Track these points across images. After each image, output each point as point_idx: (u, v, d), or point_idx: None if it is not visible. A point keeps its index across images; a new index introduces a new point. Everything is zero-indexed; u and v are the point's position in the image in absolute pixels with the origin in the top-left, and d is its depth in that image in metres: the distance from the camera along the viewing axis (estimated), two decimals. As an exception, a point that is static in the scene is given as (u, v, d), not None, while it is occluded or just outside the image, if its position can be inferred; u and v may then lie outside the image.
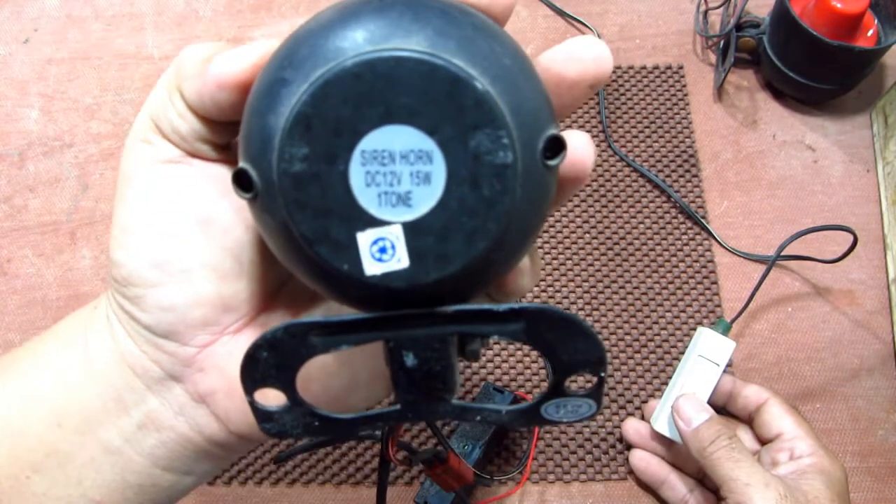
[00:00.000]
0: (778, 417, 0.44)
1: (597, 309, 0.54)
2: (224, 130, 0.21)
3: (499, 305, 0.18)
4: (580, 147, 0.19)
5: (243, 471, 0.48)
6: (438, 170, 0.16)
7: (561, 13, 0.66)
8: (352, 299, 0.19)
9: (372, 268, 0.17)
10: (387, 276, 0.17)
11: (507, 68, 0.17)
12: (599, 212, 0.57)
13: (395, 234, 0.17)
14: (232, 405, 0.22)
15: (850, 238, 0.50)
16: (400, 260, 0.17)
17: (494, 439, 0.47)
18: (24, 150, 0.61)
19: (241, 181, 0.17)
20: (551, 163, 0.17)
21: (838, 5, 0.54)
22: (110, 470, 0.22)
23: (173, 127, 0.21)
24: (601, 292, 0.54)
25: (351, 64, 0.16)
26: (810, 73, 0.58)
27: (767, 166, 0.59)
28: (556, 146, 0.17)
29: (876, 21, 0.58)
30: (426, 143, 0.16)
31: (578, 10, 0.66)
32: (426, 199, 0.17)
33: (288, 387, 0.19)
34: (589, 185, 0.58)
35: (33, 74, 0.64)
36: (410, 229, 0.17)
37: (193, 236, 0.21)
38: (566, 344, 0.18)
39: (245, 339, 0.22)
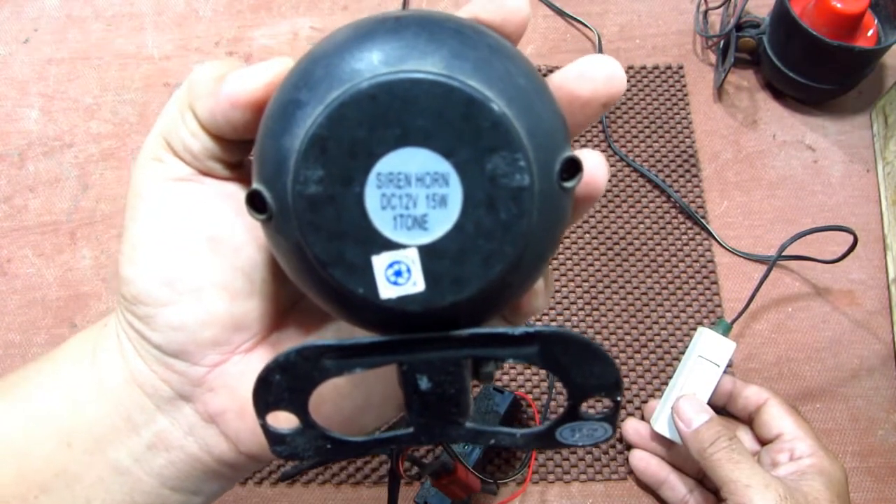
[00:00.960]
0: (778, 418, 0.44)
1: (597, 309, 0.54)
2: (236, 149, 0.21)
3: (514, 329, 0.18)
4: (594, 167, 0.19)
5: (243, 471, 0.48)
6: (454, 192, 0.16)
7: (561, 13, 0.66)
8: (366, 322, 0.18)
9: (387, 291, 0.17)
10: (402, 299, 0.17)
11: (523, 90, 0.17)
12: (599, 212, 0.57)
13: (411, 258, 0.17)
14: (242, 425, 0.22)
15: (850, 238, 0.50)
16: (415, 283, 0.17)
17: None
18: (24, 150, 0.61)
19: (255, 202, 0.17)
20: (567, 185, 0.17)
21: (838, 5, 0.54)
22: (119, 490, 0.22)
23: (185, 145, 0.20)
24: (601, 292, 0.54)
25: (367, 86, 0.16)
26: (810, 73, 0.58)
27: (767, 166, 0.59)
28: (573, 168, 0.17)
29: (876, 21, 0.58)
30: (442, 166, 0.16)
31: (578, 10, 0.66)
32: (442, 222, 0.16)
33: (300, 410, 0.19)
34: (589, 185, 0.58)
35: (33, 74, 0.64)
36: (426, 252, 0.16)
37: (204, 255, 0.21)
38: (581, 367, 0.18)
39: (256, 359, 0.22)
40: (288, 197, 0.16)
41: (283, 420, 0.19)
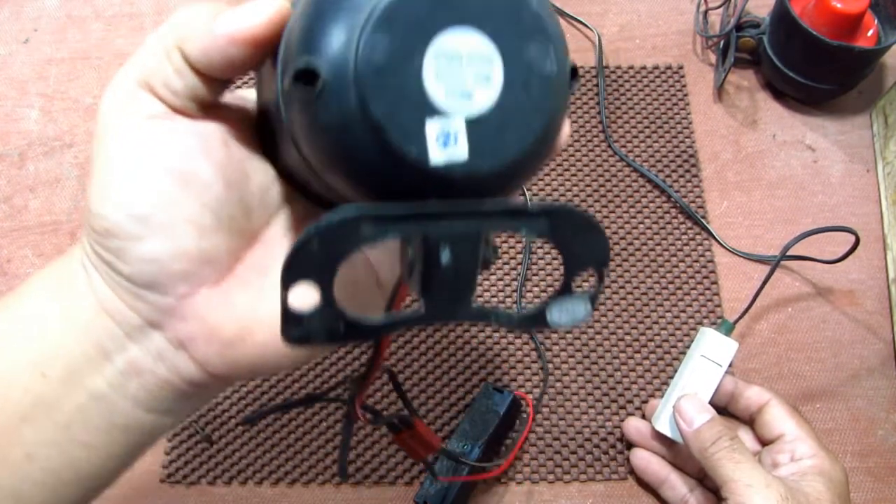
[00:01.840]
0: (779, 419, 0.44)
1: (597, 309, 0.54)
2: (219, 88, 0.22)
3: (531, 204, 0.20)
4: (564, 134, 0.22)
5: (243, 471, 0.48)
6: (497, 72, 0.19)
7: (561, 13, 0.66)
8: (399, 191, 0.19)
9: (436, 155, 0.18)
10: (449, 164, 0.18)
11: (547, 2, 0.20)
12: (599, 212, 0.57)
13: (458, 126, 0.18)
14: (211, 350, 0.23)
15: (851, 238, 0.50)
16: (461, 150, 0.18)
17: (494, 439, 0.47)
18: (24, 150, 0.61)
19: (306, 77, 0.18)
20: (573, 83, 0.21)
21: (838, 5, 0.54)
22: (97, 414, 0.23)
23: (167, 83, 0.21)
24: (601, 292, 0.54)
25: None
26: (810, 73, 0.58)
27: (767, 166, 0.59)
28: (574, 73, 0.21)
29: (876, 21, 0.58)
30: (490, 48, 0.18)
31: (578, 10, 0.66)
32: (486, 98, 0.19)
33: (327, 282, 0.19)
34: (589, 186, 0.58)
35: (33, 74, 0.64)
36: (471, 123, 0.19)
37: (175, 192, 0.22)
38: (581, 240, 0.21)
39: (224, 290, 0.23)
40: (351, 65, 0.18)
41: (299, 303, 0.19)
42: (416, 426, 0.36)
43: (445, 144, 0.18)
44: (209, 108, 0.23)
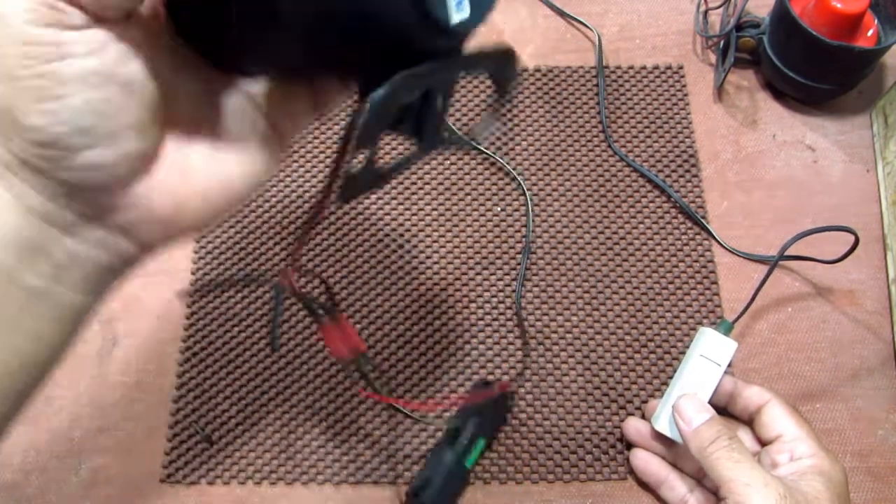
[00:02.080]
0: (778, 419, 0.44)
1: (597, 309, 0.54)
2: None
3: (492, 48, 0.26)
4: None
5: (243, 471, 0.48)
6: None
7: (561, 13, 0.66)
8: (419, 52, 0.23)
9: (455, 16, 0.22)
10: (460, 23, 0.23)
11: None
12: (599, 212, 0.57)
13: None
14: (153, 230, 0.25)
15: (851, 238, 0.50)
16: (466, 10, 0.23)
17: (492, 440, 0.47)
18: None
19: None
20: None
21: (838, 5, 0.54)
22: (38, 308, 0.24)
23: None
24: (601, 292, 0.54)
25: None
26: (810, 73, 0.58)
27: (767, 166, 0.59)
28: None
29: (876, 21, 0.58)
30: None
31: (578, 10, 0.66)
32: None
33: (376, 146, 0.24)
34: (589, 185, 0.58)
35: (33, 74, 0.64)
36: None
37: (119, 99, 0.22)
38: (507, 69, 0.28)
39: (154, 175, 0.24)
40: None
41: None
42: (341, 320, 0.38)
43: (459, 7, 0.22)
44: (127, 17, 0.22)
